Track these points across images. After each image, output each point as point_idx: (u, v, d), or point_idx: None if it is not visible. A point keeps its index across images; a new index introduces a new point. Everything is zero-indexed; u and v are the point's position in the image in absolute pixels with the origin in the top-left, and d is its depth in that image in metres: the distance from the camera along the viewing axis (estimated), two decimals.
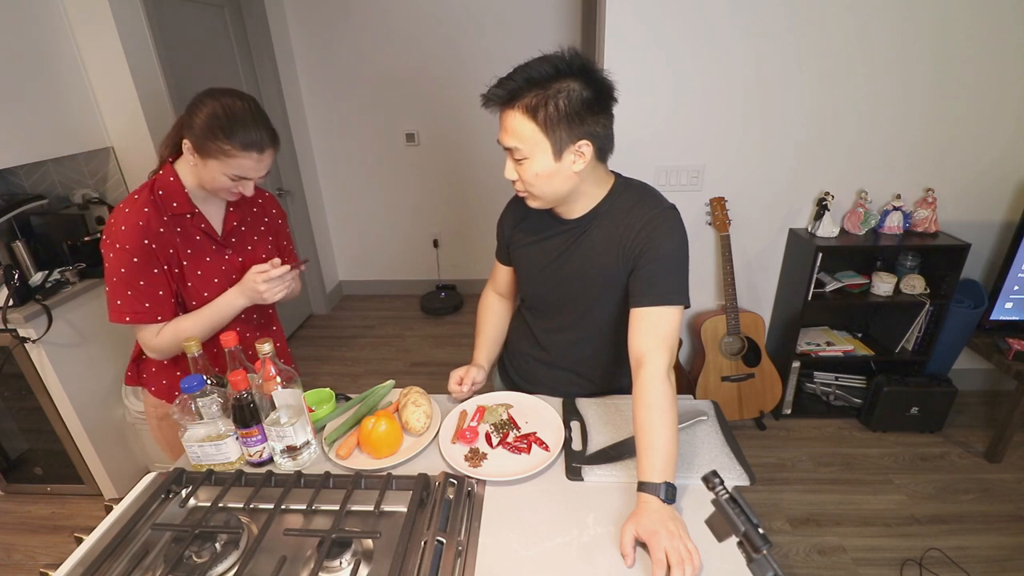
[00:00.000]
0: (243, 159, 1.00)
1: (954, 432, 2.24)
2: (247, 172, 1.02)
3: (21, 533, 1.93)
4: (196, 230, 1.11)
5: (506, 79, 0.88)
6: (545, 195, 0.96)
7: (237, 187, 1.05)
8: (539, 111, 0.86)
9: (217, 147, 0.98)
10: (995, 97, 1.95)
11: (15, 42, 1.66)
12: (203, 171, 1.03)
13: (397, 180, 3.45)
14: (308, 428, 0.99)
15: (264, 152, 1.02)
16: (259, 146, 1.01)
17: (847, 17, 1.86)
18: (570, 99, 0.85)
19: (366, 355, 3.06)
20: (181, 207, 1.08)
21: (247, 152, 1.00)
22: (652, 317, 0.94)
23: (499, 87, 0.88)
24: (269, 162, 1.06)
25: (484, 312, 1.29)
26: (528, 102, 0.86)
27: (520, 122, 0.87)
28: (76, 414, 1.83)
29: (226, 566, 0.77)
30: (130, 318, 1.05)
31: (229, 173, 1.01)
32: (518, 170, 0.93)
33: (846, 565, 1.68)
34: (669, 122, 2.05)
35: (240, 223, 1.19)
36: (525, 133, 0.88)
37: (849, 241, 2.08)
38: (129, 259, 1.03)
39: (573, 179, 0.94)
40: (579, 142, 0.89)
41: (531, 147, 0.89)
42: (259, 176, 1.06)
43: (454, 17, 3.01)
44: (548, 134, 0.87)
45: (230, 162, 1.00)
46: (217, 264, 1.14)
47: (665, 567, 0.73)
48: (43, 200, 1.97)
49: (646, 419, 0.86)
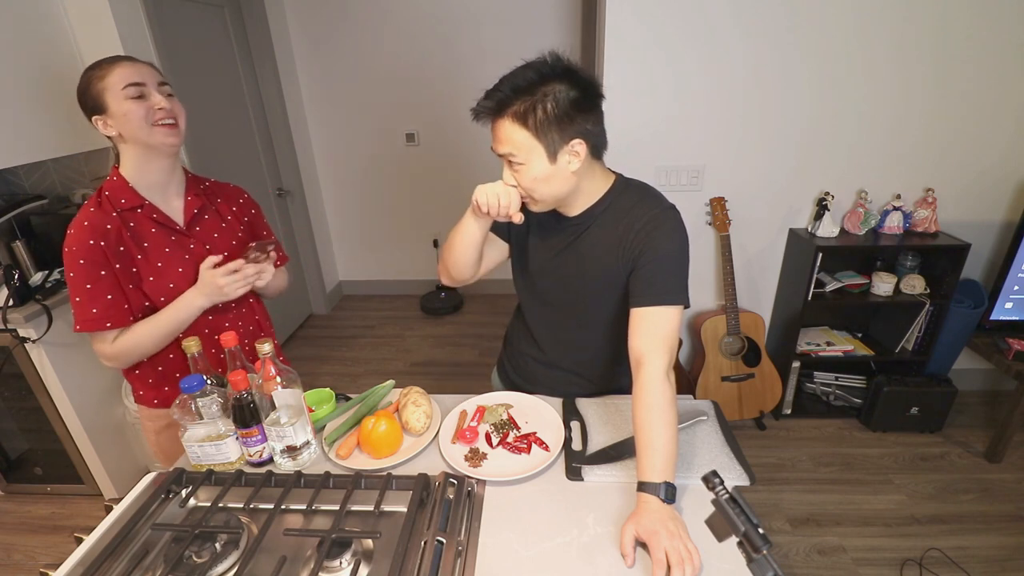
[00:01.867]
0: (116, 68, 1.01)
1: (954, 432, 2.24)
2: (132, 78, 1.01)
3: (21, 533, 1.93)
4: (150, 222, 1.09)
5: (493, 91, 0.89)
6: (546, 198, 0.96)
7: (149, 105, 1.02)
8: (528, 116, 0.86)
9: (96, 82, 1.01)
10: (995, 97, 1.95)
11: (15, 42, 1.66)
12: (117, 121, 1.02)
13: (397, 180, 3.46)
14: (308, 428, 0.99)
15: (135, 62, 1.04)
16: (124, 57, 1.03)
17: (847, 17, 1.86)
18: (557, 101, 0.86)
19: (366, 355, 3.06)
20: (129, 201, 1.07)
21: (115, 63, 1.01)
22: (652, 317, 0.94)
23: (487, 99, 0.90)
24: (152, 72, 1.05)
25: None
26: (517, 109, 0.87)
27: (512, 130, 0.88)
28: (76, 414, 1.83)
29: (226, 566, 0.77)
30: (80, 326, 1.03)
31: (122, 91, 1.00)
32: (516, 176, 0.94)
33: (846, 565, 1.68)
34: (669, 122, 2.05)
35: (202, 211, 1.16)
36: (518, 140, 0.88)
37: (849, 241, 2.08)
38: (76, 262, 1.02)
39: (571, 179, 0.94)
40: (572, 142, 0.89)
41: (526, 153, 0.89)
42: (152, 81, 1.04)
43: (454, 17, 3.01)
44: (540, 138, 0.88)
45: (110, 81, 1.00)
46: (179, 255, 1.11)
47: (665, 567, 0.73)
48: (43, 200, 1.97)
49: (646, 419, 0.86)
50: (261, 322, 1.30)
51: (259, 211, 1.31)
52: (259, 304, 1.31)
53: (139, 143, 1.05)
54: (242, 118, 2.80)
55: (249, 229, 1.26)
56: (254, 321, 1.27)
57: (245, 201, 1.28)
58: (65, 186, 2.09)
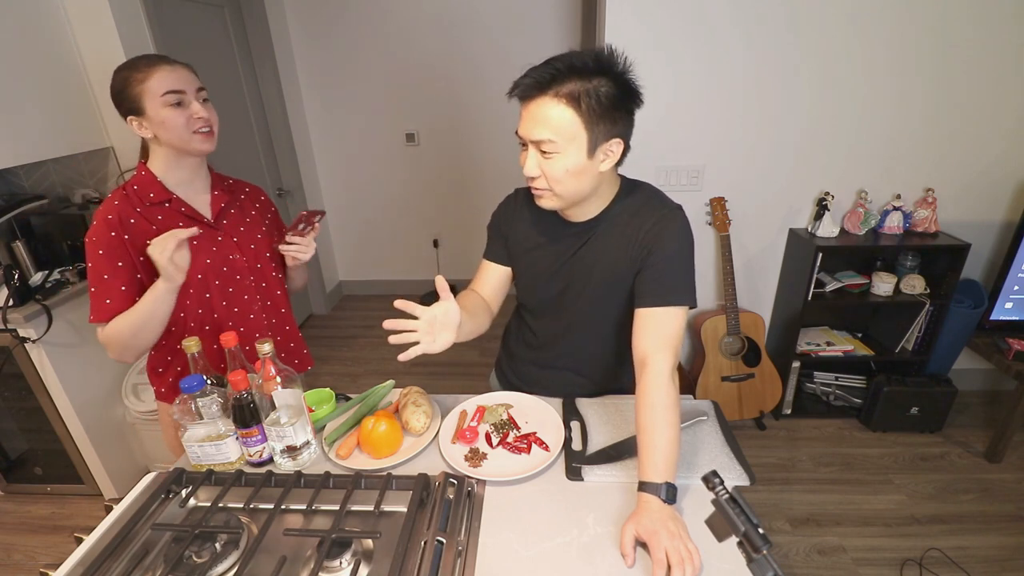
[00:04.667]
0: (156, 73, 1.01)
1: (954, 432, 2.24)
2: (172, 84, 1.02)
3: (21, 533, 1.93)
4: (178, 216, 1.10)
5: (543, 65, 0.83)
6: (567, 194, 0.91)
7: (188, 113, 1.03)
8: (582, 100, 0.82)
9: (134, 85, 1.00)
10: (995, 97, 1.95)
11: (15, 42, 1.66)
12: (155, 127, 1.03)
13: (397, 180, 3.45)
14: (308, 428, 0.99)
15: (174, 65, 1.04)
16: (161, 59, 1.03)
17: (847, 17, 1.86)
18: (611, 94, 0.83)
19: (366, 355, 3.07)
20: (158, 195, 1.08)
21: (155, 66, 1.01)
22: (657, 318, 0.94)
23: (540, 70, 0.83)
24: (191, 76, 1.05)
25: (462, 296, 1.12)
26: (572, 90, 0.82)
27: (560, 111, 0.82)
28: (76, 414, 1.83)
29: (226, 566, 0.77)
30: (93, 316, 1.04)
31: (161, 99, 1.01)
32: (543, 165, 0.88)
33: (846, 565, 1.68)
34: (669, 122, 2.04)
35: (228, 206, 1.18)
36: (563, 123, 0.83)
37: (849, 241, 2.08)
38: (95, 252, 1.03)
39: (597, 178, 0.92)
40: (612, 140, 0.87)
41: (567, 140, 0.84)
42: (192, 88, 1.05)
43: (454, 17, 3.01)
44: (589, 127, 0.84)
45: (150, 86, 1.00)
46: (207, 246, 1.13)
47: (665, 567, 0.73)
48: (43, 200, 1.97)
49: (648, 419, 0.86)
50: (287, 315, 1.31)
51: (276, 213, 1.33)
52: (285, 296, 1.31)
53: (174, 147, 1.06)
54: (242, 118, 2.80)
55: (269, 228, 1.28)
56: (279, 313, 1.29)
57: (265, 200, 1.30)
58: (65, 186, 2.09)
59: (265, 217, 1.27)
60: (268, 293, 1.25)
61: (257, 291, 1.22)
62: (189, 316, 1.14)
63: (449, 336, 0.87)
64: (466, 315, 0.93)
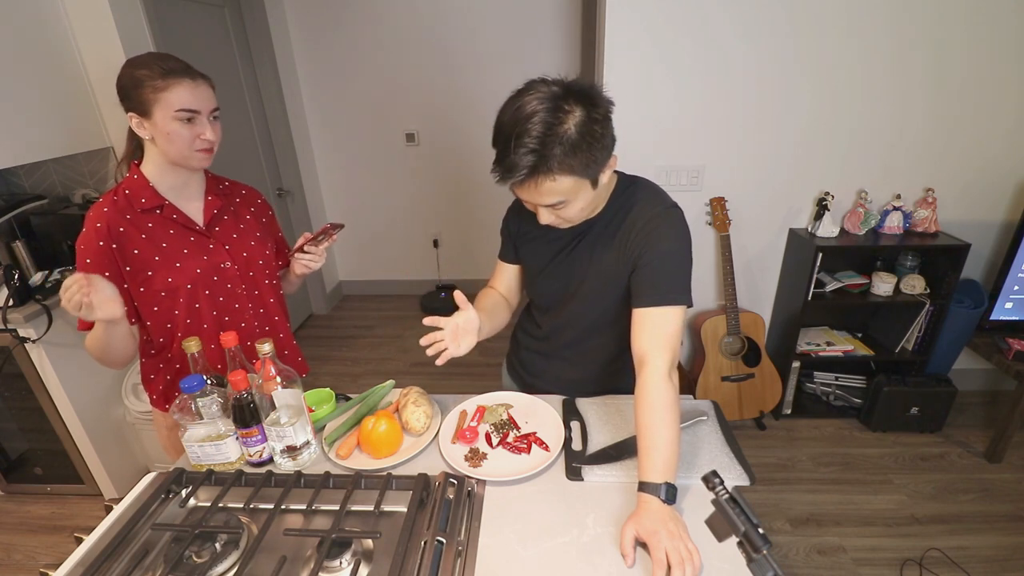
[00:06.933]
0: (176, 87, 0.98)
1: (954, 432, 2.24)
2: (188, 103, 0.99)
3: (21, 533, 1.93)
4: (170, 223, 1.09)
5: (523, 151, 0.79)
6: (584, 217, 0.96)
7: (196, 132, 1.01)
8: (572, 162, 0.81)
9: (149, 89, 0.97)
10: (994, 97, 1.95)
11: (15, 42, 1.66)
12: (158, 134, 1.00)
13: (397, 180, 3.45)
14: (308, 428, 0.99)
15: (196, 80, 1.01)
16: (184, 72, 1.00)
17: (846, 17, 1.86)
18: (590, 130, 0.81)
19: (366, 355, 3.06)
20: (150, 201, 1.06)
21: (175, 78, 0.98)
22: (654, 317, 0.94)
23: (521, 159, 0.79)
24: (210, 95, 1.03)
25: (481, 295, 1.20)
26: (561, 161, 0.80)
27: (559, 181, 0.83)
28: (76, 414, 1.83)
29: (226, 566, 0.77)
30: (80, 325, 1.03)
31: (174, 113, 0.99)
32: (558, 213, 0.91)
33: (846, 565, 1.68)
34: (669, 122, 2.05)
35: (222, 211, 1.16)
36: (567, 187, 0.84)
37: (849, 241, 2.08)
38: (83, 261, 1.02)
39: (605, 192, 0.97)
40: (609, 160, 0.89)
41: (573, 194, 0.87)
42: (207, 108, 1.02)
43: (454, 17, 3.01)
44: (588, 172, 0.85)
45: (167, 97, 0.98)
46: (198, 255, 1.11)
47: (665, 567, 0.73)
48: (43, 200, 1.98)
49: (648, 419, 0.86)
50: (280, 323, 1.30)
51: (273, 215, 1.32)
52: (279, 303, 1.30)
53: (170, 158, 1.05)
54: (242, 118, 2.80)
55: (264, 233, 1.26)
56: (271, 321, 1.27)
57: (261, 203, 1.28)
58: (65, 186, 2.09)
59: (260, 222, 1.24)
60: (260, 301, 1.23)
61: (249, 299, 1.20)
62: (177, 325, 1.12)
63: (471, 340, 0.99)
64: (484, 316, 1.04)
